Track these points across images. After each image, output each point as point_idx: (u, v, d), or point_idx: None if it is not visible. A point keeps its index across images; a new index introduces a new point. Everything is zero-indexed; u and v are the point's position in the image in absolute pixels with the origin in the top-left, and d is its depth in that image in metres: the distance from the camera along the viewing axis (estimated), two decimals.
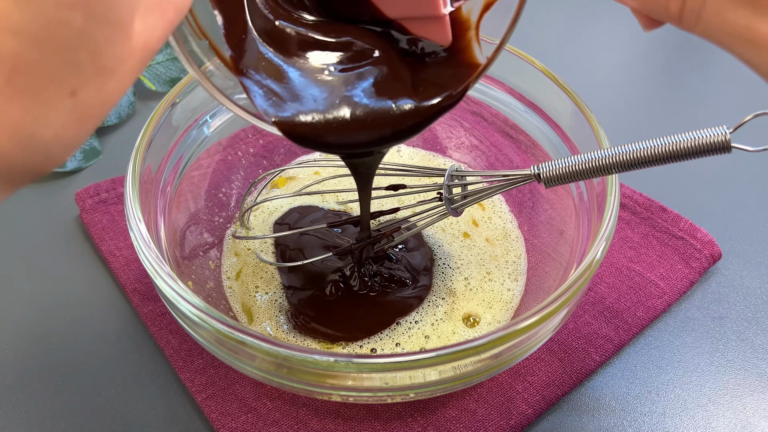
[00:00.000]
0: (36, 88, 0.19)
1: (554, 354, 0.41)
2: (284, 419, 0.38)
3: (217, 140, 0.48)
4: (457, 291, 0.43)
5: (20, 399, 0.40)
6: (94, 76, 0.20)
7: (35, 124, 0.20)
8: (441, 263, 0.45)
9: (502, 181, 0.36)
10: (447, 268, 0.45)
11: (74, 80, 0.20)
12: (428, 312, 0.42)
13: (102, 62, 0.20)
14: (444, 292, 0.43)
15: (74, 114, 0.20)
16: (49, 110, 0.20)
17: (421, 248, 0.46)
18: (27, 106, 0.19)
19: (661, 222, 0.48)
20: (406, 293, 0.43)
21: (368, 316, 0.42)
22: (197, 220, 0.45)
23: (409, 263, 0.45)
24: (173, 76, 0.61)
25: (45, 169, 0.21)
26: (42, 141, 0.20)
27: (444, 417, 0.38)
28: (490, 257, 0.46)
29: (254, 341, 0.30)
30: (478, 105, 0.50)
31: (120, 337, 0.43)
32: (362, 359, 0.30)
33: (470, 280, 0.44)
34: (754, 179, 0.54)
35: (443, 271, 0.45)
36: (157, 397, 0.40)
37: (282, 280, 0.44)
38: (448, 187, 0.38)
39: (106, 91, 0.21)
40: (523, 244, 0.47)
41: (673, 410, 0.40)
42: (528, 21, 0.73)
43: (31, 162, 0.20)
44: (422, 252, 0.46)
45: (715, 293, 0.46)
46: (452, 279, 0.44)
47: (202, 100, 0.45)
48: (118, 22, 0.20)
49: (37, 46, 0.19)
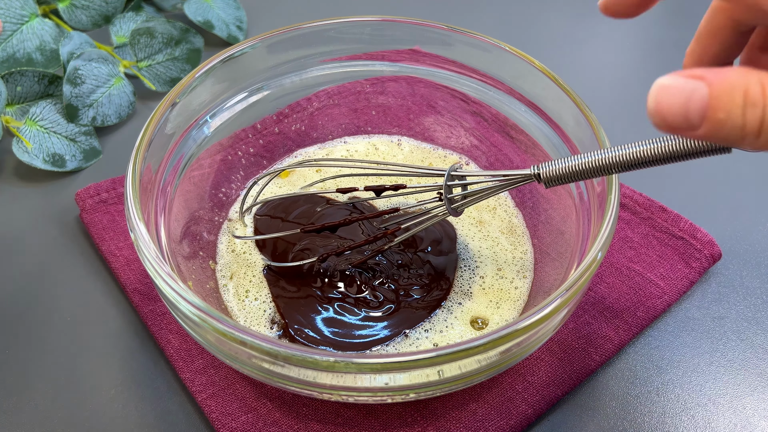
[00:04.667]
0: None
1: (554, 354, 0.41)
2: (284, 419, 0.38)
3: (217, 140, 0.48)
4: (473, 293, 0.43)
5: (20, 399, 0.40)
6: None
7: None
8: (462, 264, 0.45)
9: (503, 181, 0.36)
10: (466, 269, 0.45)
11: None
12: (439, 318, 0.42)
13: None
14: (460, 297, 0.43)
15: None
16: None
17: (450, 254, 0.45)
18: None
19: (661, 222, 0.48)
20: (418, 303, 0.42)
21: (372, 328, 0.41)
22: (197, 220, 0.45)
23: (431, 267, 0.44)
24: (173, 76, 0.61)
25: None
26: None
27: (444, 417, 0.38)
28: (502, 250, 0.46)
29: (254, 341, 0.30)
30: (478, 105, 0.50)
31: (120, 337, 0.43)
32: (362, 359, 0.30)
33: (485, 278, 0.44)
34: (754, 179, 0.54)
35: (461, 274, 0.44)
36: (157, 397, 0.40)
37: (271, 290, 0.43)
38: (448, 187, 0.38)
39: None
40: (528, 239, 0.47)
41: (673, 410, 0.40)
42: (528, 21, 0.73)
43: None
44: (449, 258, 0.45)
45: (715, 293, 0.46)
46: (470, 282, 0.44)
47: (202, 100, 0.45)
48: None
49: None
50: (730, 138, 0.24)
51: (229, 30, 0.67)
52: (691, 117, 0.24)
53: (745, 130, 0.23)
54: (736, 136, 0.23)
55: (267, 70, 0.49)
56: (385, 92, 0.53)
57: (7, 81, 0.55)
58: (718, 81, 0.23)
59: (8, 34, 0.59)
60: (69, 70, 0.55)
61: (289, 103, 0.52)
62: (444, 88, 0.51)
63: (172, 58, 0.61)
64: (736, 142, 0.24)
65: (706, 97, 0.23)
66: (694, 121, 0.24)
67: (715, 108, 0.23)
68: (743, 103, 0.23)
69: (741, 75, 0.23)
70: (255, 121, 0.51)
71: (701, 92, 0.23)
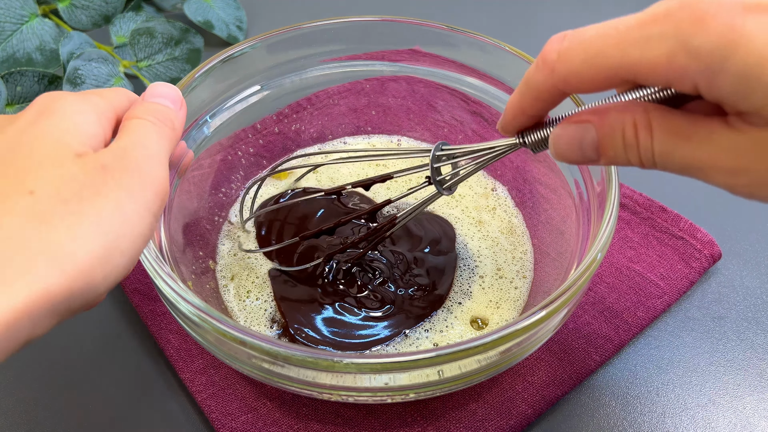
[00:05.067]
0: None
1: (554, 354, 0.41)
2: (284, 419, 0.38)
3: (217, 140, 0.48)
4: (473, 293, 0.43)
5: (20, 399, 0.40)
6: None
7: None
8: (461, 264, 0.45)
9: (490, 152, 0.35)
10: (465, 269, 0.45)
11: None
12: (439, 318, 0.42)
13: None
14: (460, 297, 0.43)
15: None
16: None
17: (450, 253, 0.45)
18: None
19: (661, 222, 0.48)
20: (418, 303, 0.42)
21: (372, 328, 0.41)
22: (197, 220, 0.45)
23: (431, 268, 0.44)
24: (173, 76, 0.61)
25: (94, 304, 0.26)
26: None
27: (444, 417, 0.38)
28: (501, 250, 0.46)
29: (254, 341, 0.30)
30: (478, 105, 0.50)
31: (120, 337, 0.43)
32: (362, 359, 0.30)
33: (485, 278, 0.44)
34: None
35: (461, 274, 0.44)
36: (157, 396, 0.40)
37: (274, 289, 0.43)
38: (435, 169, 0.37)
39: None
40: (528, 239, 0.46)
41: (673, 410, 0.40)
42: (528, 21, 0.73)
43: (90, 299, 0.25)
44: (449, 258, 0.45)
45: (715, 293, 0.46)
46: (470, 282, 0.44)
47: (202, 100, 0.45)
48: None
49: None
50: (622, 163, 0.27)
51: (229, 30, 0.67)
52: (588, 154, 0.28)
53: (632, 163, 0.27)
54: (626, 164, 0.27)
55: (267, 70, 0.49)
56: (385, 92, 0.53)
57: (7, 81, 0.55)
58: (601, 124, 0.27)
59: (8, 34, 0.59)
60: (69, 70, 0.55)
61: (289, 103, 0.52)
62: (444, 88, 0.51)
63: (172, 58, 0.62)
64: (628, 165, 0.27)
65: (596, 137, 0.27)
66: (592, 157, 0.28)
67: (605, 147, 0.27)
68: (623, 145, 0.27)
69: (618, 117, 0.26)
70: (255, 121, 0.51)
71: (591, 134, 0.27)
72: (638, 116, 0.26)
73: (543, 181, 0.47)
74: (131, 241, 0.26)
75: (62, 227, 0.24)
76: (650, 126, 0.26)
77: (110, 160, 0.27)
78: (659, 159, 0.26)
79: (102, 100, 0.30)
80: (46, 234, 0.24)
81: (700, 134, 0.25)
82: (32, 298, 0.23)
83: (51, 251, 0.23)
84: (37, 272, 0.23)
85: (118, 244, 0.25)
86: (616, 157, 0.27)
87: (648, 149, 0.26)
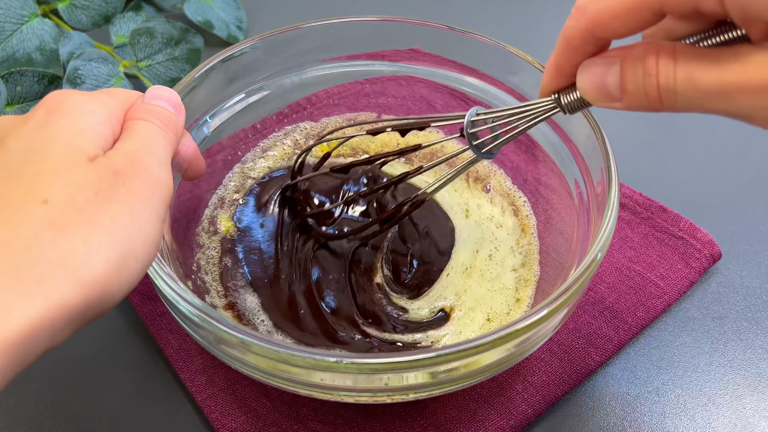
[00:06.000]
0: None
1: (554, 354, 0.41)
2: (284, 419, 0.38)
3: (217, 140, 0.48)
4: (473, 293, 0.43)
5: (20, 399, 0.40)
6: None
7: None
8: (460, 264, 0.45)
9: (525, 115, 0.34)
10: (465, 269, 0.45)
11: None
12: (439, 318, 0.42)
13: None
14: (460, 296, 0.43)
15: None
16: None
17: (447, 252, 0.45)
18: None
19: (661, 222, 0.48)
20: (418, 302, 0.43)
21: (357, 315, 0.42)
22: (197, 220, 0.45)
23: (429, 265, 0.44)
24: (173, 76, 0.61)
25: (105, 312, 0.26)
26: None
27: (444, 417, 0.38)
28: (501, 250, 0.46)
29: (255, 341, 0.30)
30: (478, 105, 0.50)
31: (120, 337, 0.43)
32: (363, 359, 0.30)
33: (483, 278, 0.44)
34: (754, 179, 0.54)
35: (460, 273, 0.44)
36: (157, 396, 0.40)
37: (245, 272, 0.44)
38: (472, 134, 0.36)
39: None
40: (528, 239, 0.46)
41: (673, 410, 0.40)
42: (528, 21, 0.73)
43: (106, 307, 0.25)
44: (447, 257, 0.45)
45: (715, 293, 0.46)
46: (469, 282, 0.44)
47: (202, 100, 0.45)
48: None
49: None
50: (638, 106, 0.27)
51: (229, 30, 0.67)
52: (612, 92, 0.27)
53: (651, 99, 0.26)
54: (646, 104, 0.27)
55: (267, 70, 0.49)
56: (385, 92, 0.53)
57: (7, 81, 0.55)
58: (625, 57, 0.27)
59: (8, 34, 0.59)
60: (69, 70, 0.55)
61: (289, 103, 0.52)
62: (444, 88, 0.51)
63: (172, 58, 0.61)
64: (645, 108, 0.27)
65: (619, 73, 0.27)
66: (615, 95, 0.27)
67: (626, 80, 0.27)
68: (643, 74, 0.26)
69: (643, 48, 0.26)
70: (255, 121, 0.51)
71: (615, 69, 0.27)
72: (663, 46, 0.26)
73: (543, 181, 0.47)
74: (144, 247, 0.26)
75: (78, 236, 0.24)
76: (674, 52, 0.25)
77: (121, 164, 0.27)
78: (681, 86, 0.25)
79: (112, 99, 0.30)
80: (62, 244, 0.24)
81: (726, 55, 0.24)
82: (50, 310, 0.23)
83: (67, 262, 0.23)
84: (54, 284, 0.23)
85: (132, 252, 0.25)
86: (636, 92, 0.26)
87: (670, 76, 0.25)
